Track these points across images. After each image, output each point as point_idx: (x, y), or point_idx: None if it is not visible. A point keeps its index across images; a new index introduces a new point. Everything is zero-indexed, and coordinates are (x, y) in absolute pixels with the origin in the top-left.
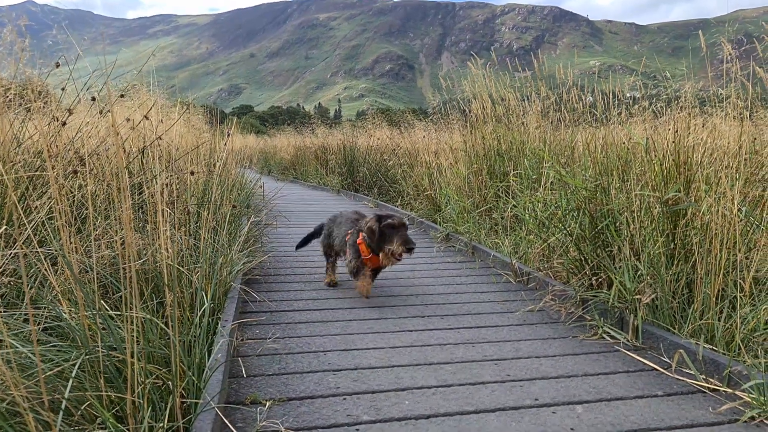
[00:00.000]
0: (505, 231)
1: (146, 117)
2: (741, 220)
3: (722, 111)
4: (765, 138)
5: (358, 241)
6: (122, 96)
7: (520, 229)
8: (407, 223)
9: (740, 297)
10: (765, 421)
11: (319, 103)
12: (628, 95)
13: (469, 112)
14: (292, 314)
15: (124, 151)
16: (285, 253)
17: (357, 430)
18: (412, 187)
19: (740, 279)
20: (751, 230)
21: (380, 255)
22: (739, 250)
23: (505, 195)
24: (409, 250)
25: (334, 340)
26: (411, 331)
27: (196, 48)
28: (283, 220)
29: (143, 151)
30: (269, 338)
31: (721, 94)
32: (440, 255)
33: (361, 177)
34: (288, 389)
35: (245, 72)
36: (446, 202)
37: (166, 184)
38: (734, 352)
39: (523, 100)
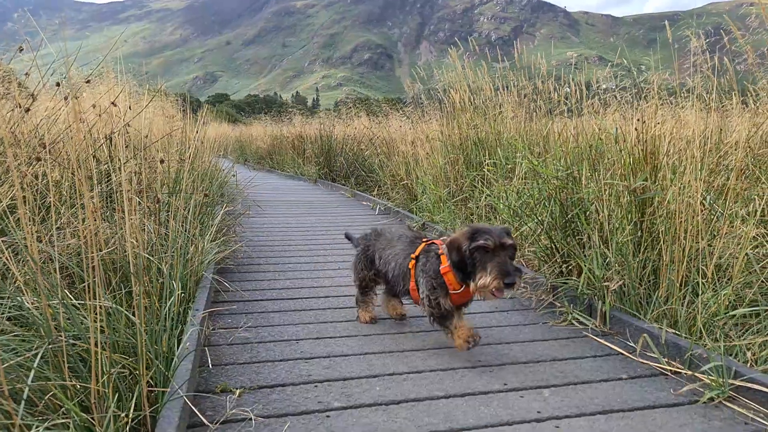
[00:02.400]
0: (480, 220)
1: (113, 103)
2: (705, 209)
3: (689, 102)
4: (732, 128)
5: (443, 268)
6: (88, 82)
7: (495, 218)
8: (512, 242)
9: (702, 283)
10: (723, 402)
11: (297, 92)
12: (604, 86)
13: (447, 102)
14: (265, 303)
15: (91, 137)
16: (260, 243)
17: (328, 416)
18: (389, 177)
19: (703, 266)
20: (715, 219)
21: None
22: (702, 239)
23: (482, 184)
24: (510, 286)
25: (307, 329)
26: (385, 319)
27: (169, 34)
28: (259, 209)
29: (110, 139)
30: (241, 327)
31: (686, 85)
32: None
33: (339, 167)
34: (259, 377)
35: (221, 59)
36: (422, 192)
37: (135, 172)
38: (696, 336)
39: (501, 90)
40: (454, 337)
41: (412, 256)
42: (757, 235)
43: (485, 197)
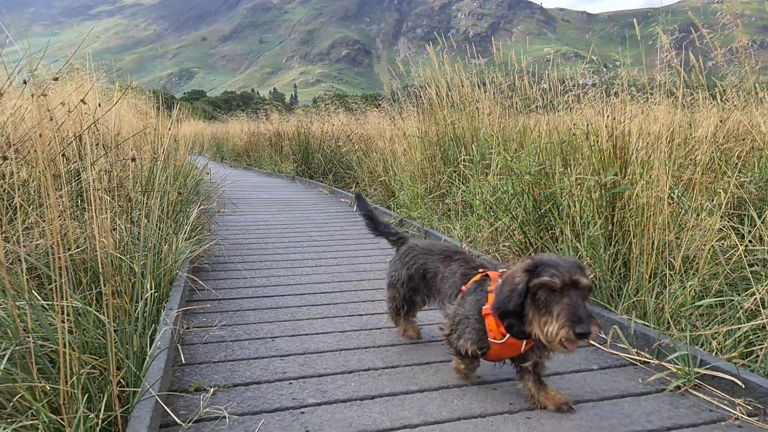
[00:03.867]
0: (457, 216)
1: (83, 101)
2: (673, 203)
3: (658, 97)
4: (702, 123)
5: (485, 309)
6: (56, 79)
7: (471, 214)
8: (587, 281)
9: (670, 275)
10: (689, 390)
11: (275, 89)
12: (581, 82)
13: (424, 98)
14: (241, 301)
15: (60, 135)
16: (236, 241)
17: (302, 413)
18: (367, 174)
19: (672, 258)
20: (683, 212)
21: (524, 340)
22: (671, 231)
23: (459, 180)
24: (583, 336)
25: (283, 326)
26: (361, 315)
27: (143, 30)
28: (235, 207)
29: (80, 137)
30: (215, 326)
31: (654, 81)
32: None
33: (316, 164)
34: (233, 375)
35: (196, 56)
36: (400, 188)
37: (106, 171)
38: (664, 326)
39: (478, 86)
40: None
41: (463, 288)
42: (723, 227)
43: (461, 193)
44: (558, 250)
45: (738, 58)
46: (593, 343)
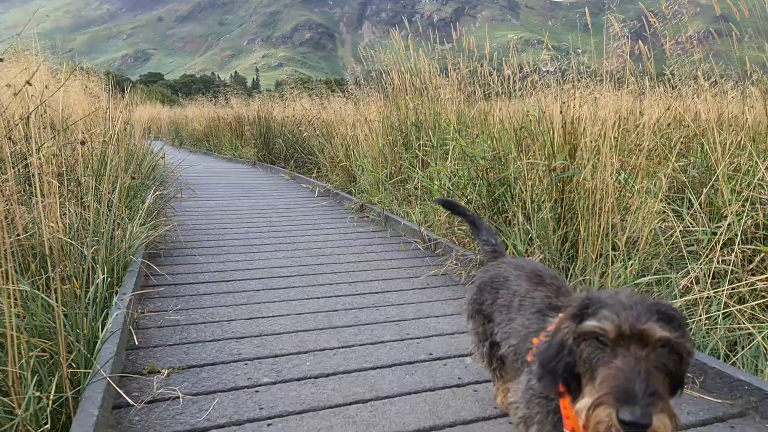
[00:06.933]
0: (417, 201)
1: (28, 83)
2: (620, 187)
3: (605, 84)
4: (646, 111)
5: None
6: (1, 60)
7: (431, 199)
8: (662, 333)
9: (613, 255)
10: None
11: (236, 72)
12: (544, 69)
13: (387, 83)
14: (198, 286)
15: (5, 118)
16: (194, 227)
17: (257, 391)
18: (329, 159)
19: (616, 240)
20: (628, 196)
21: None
22: (617, 214)
23: (421, 166)
24: (629, 425)
25: (239, 310)
26: (319, 298)
27: (95, 9)
28: (193, 193)
29: (27, 119)
30: (171, 310)
31: (602, 68)
32: (354, 225)
33: (278, 149)
34: (188, 358)
35: (153, 37)
36: (361, 173)
37: (54, 154)
38: None
39: (440, 72)
40: None
41: (535, 340)
42: (664, 210)
43: (419, 178)
44: (511, 232)
45: (684, 48)
46: None
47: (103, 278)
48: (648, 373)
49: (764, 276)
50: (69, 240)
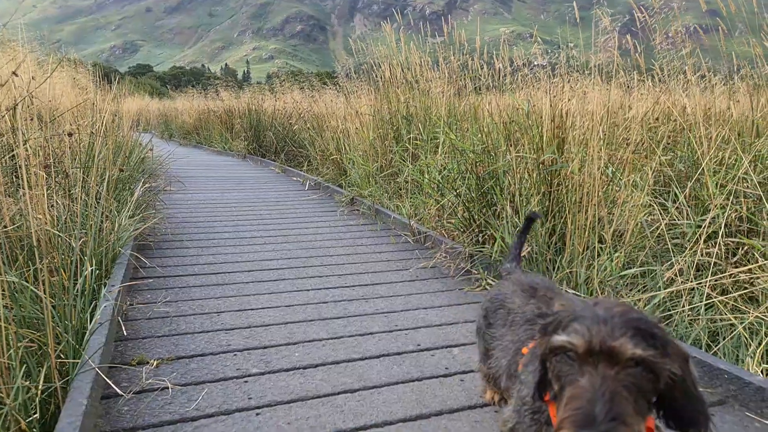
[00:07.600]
0: (408, 194)
1: (15, 73)
2: (607, 180)
3: (593, 78)
4: (634, 104)
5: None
6: None
7: (421, 192)
8: (632, 349)
9: (600, 248)
10: None
11: (226, 64)
12: (536, 63)
13: (378, 76)
14: (187, 278)
15: None
16: (183, 220)
17: (245, 381)
18: (319, 152)
19: (603, 232)
20: (616, 189)
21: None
22: (604, 207)
23: (411, 159)
24: None
25: (229, 302)
26: (308, 290)
27: None
28: (182, 185)
29: (13, 110)
30: (160, 302)
31: (596, 62)
32: (344, 218)
33: (268, 142)
34: (178, 349)
35: (141, 28)
36: (352, 167)
37: (41, 146)
38: (593, 295)
39: (431, 66)
40: None
41: (524, 350)
42: (651, 203)
43: (409, 171)
44: (500, 225)
45: (674, 42)
46: None
47: (92, 270)
48: (613, 394)
49: (746, 267)
50: (57, 232)
